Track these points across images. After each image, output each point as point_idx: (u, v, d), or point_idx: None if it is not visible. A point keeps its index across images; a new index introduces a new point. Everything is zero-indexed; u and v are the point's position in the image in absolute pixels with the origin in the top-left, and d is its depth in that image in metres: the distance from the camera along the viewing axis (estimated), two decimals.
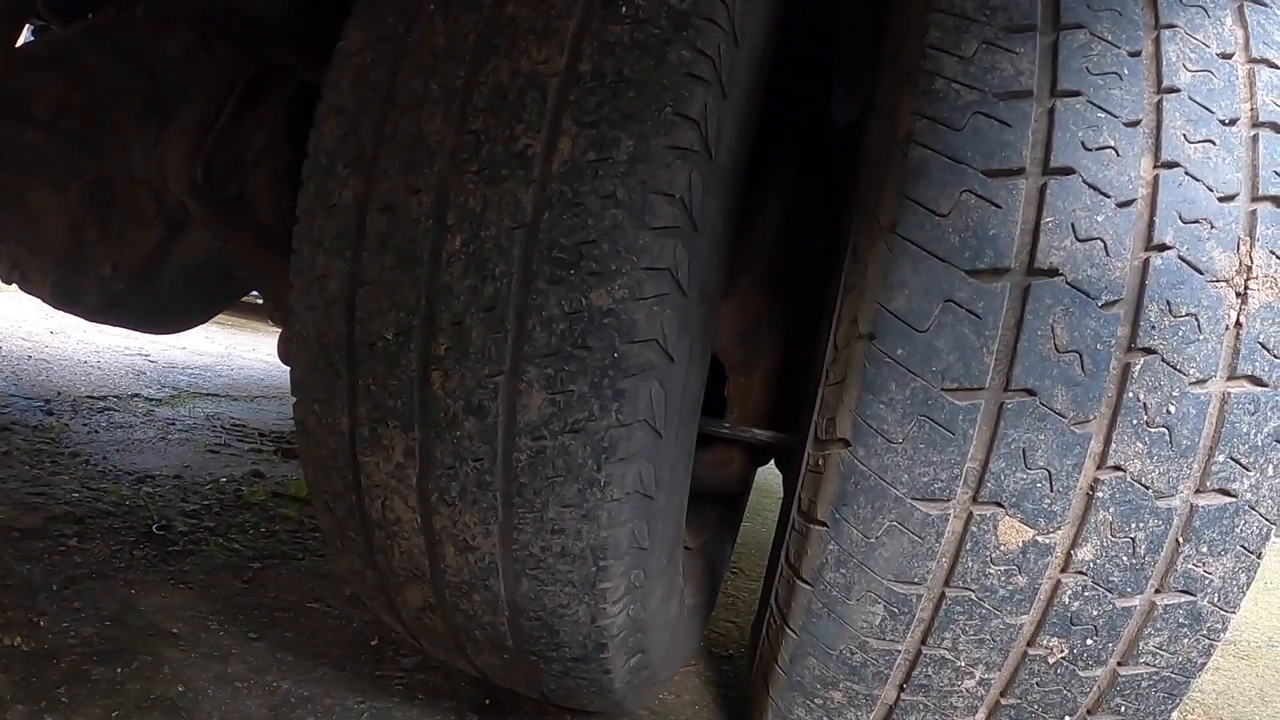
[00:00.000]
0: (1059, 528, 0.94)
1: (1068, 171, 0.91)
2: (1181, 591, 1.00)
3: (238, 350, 5.13)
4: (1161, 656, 1.03)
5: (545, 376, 0.88)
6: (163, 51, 1.61)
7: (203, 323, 2.33)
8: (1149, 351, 0.90)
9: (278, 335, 1.28)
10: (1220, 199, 0.94)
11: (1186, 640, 1.03)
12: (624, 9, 0.91)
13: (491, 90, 0.91)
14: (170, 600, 1.55)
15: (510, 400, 0.89)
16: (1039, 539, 0.94)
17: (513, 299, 0.88)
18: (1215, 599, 1.01)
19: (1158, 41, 0.96)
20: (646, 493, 0.95)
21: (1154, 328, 0.91)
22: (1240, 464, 0.96)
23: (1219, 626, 1.04)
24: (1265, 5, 1.02)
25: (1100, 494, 0.93)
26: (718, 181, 0.97)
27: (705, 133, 0.90)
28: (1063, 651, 1.00)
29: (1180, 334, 0.91)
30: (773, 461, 1.51)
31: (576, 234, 0.87)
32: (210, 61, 1.52)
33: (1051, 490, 0.92)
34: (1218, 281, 0.93)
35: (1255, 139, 0.97)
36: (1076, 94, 0.92)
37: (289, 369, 1.02)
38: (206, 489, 2.28)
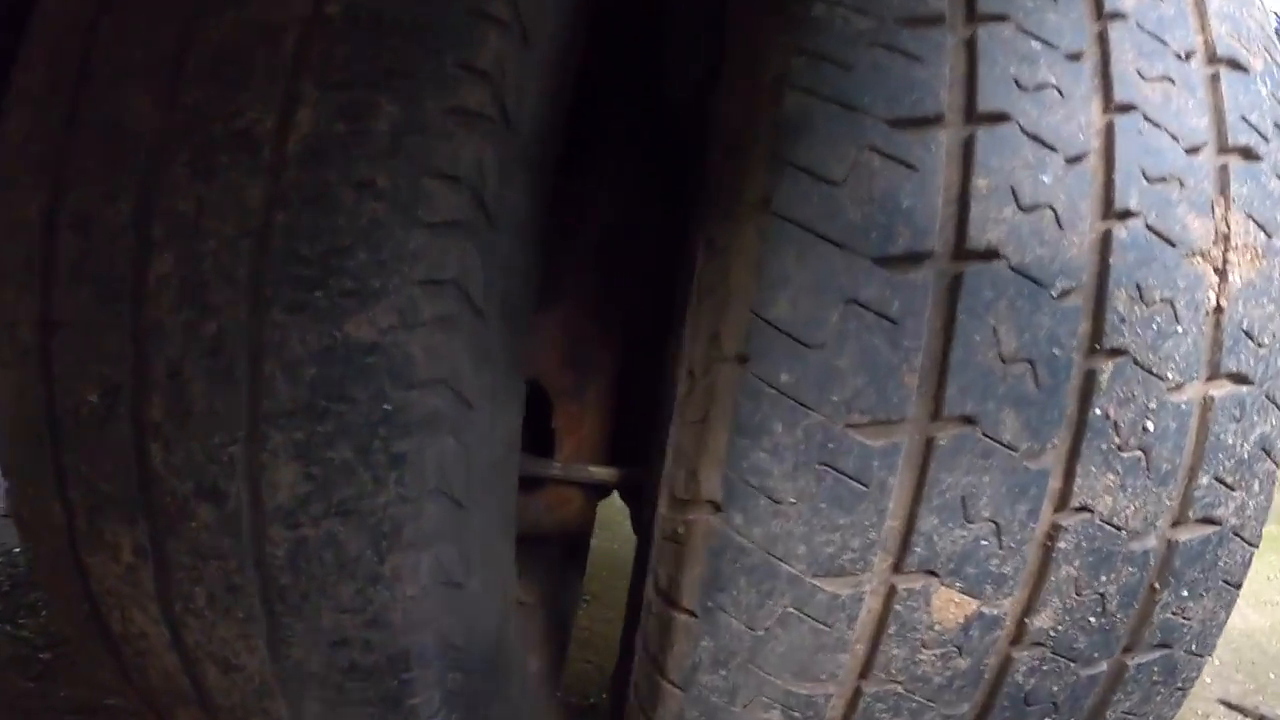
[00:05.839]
0: (1010, 593, 0.70)
1: (1001, 118, 0.67)
2: (1157, 646, 0.80)
3: None
4: None
5: (295, 442, 0.68)
6: None
7: None
8: (1118, 353, 0.67)
9: None
10: (1187, 150, 0.73)
11: (1159, 698, 0.85)
12: None
13: (213, 51, 0.71)
14: None
15: (253, 477, 0.70)
16: (985, 610, 0.70)
17: (242, 337, 0.68)
18: (1192, 646, 0.83)
19: None
20: (453, 581, 0.76)
21: (1123, 321, 0.67)
22: (1225, 484, 0.76)
23: (1194, 675, 0.86)
24: None
25: (1063, 544, 0.70)
26: (522, 160, 0.76)
27: (502, 93, 0.71)
28: None
29: (1155, 327, 0.69)
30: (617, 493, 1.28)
31: (322, 240, 0.67)
32: None
33: (1000, 548, 0.68)
34: (1194, 255, 0.71)
35: (1215, 77, 0.77)
36: (1002, 18, 0.68)
37: None
38: None
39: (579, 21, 0.87)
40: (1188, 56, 0.76)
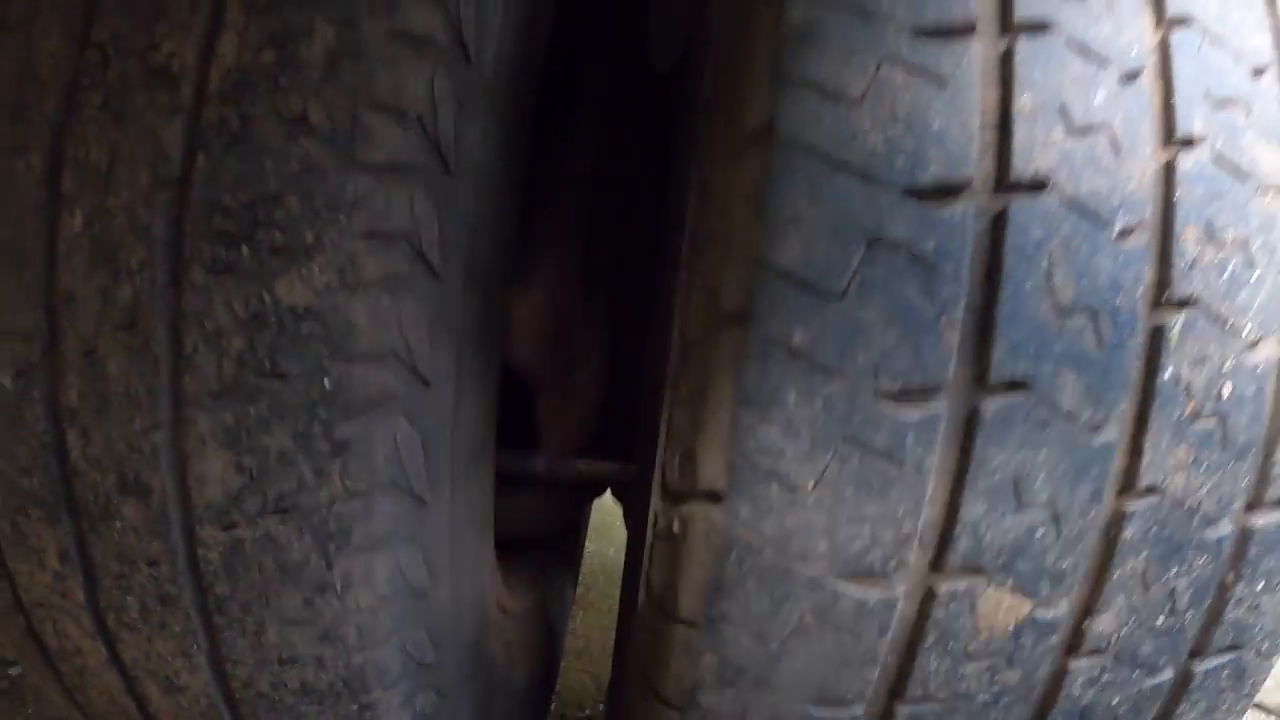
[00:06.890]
0: (1069, 592, 0.59)
1: (1041, 27, 0.57)
2: (1227, 649, 0.69)
3: None
4: None
5: (223, 428, 0.61)
6: None
7: None
8: (1188, 303, 0.57)
9: None
10: (1252, 72, 0.63)
11: (1225, 707, 0.75)
12: None
13: None
14: None
15: (180, 469, 0.62)
16: (1039, 613, 0.59)
17: (159, 304, 0.60)
18: (1264, 646, 0.72)
19: None
20: (416, 588, 0.69)
21: (1193, 265, 0.57)
22: None
23: (1262, 679, 0.75)
24: None
25: (1129, 532, 0.59)
26: (485, 98, 0.69)
27: (458, 18, 0.63)
28: None
29: (1229, 273, 0.58)
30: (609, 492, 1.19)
31: (248, 186, 0.59)
32: None
33: (1059, 538, 0.57)
34: (1266, 191, 0.61)
35: None
36: None
37: None
38: None
39: None
40: None
